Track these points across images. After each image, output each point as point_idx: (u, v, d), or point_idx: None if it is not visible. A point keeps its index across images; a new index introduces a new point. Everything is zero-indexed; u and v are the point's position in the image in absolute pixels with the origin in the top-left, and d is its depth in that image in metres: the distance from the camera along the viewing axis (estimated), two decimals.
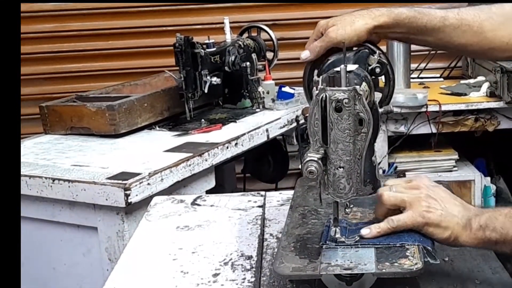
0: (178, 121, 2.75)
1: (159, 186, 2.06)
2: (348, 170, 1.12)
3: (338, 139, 1.10)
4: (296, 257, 1.14)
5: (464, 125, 3.22)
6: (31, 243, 2.23)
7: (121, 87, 2.97)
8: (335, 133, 1.10)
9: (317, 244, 1.18)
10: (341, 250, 1.15)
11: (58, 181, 2.07)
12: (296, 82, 3.01)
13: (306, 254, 1.15)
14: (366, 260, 1.10)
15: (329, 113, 1.09)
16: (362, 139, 1.11)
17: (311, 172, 1.10)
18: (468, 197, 3.23)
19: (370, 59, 1.26)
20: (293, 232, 1.25)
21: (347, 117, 1.09)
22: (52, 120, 2.65)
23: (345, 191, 1.13)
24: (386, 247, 1.14)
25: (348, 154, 1.11)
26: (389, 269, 1.07)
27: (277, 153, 3.19)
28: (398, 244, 1.14)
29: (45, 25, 3.79)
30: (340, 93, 1.08)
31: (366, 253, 1.13)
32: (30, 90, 3.80)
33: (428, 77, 3.70)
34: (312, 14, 3.84)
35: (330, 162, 1.12)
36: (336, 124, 1.09)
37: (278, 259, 1.14)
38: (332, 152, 1.11)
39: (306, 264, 1.12)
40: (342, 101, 1.08)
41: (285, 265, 1.12)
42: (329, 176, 1.13)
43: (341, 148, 1.11)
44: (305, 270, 1.10)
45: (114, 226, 2.03)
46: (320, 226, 1.27)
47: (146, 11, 3.82)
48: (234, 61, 2.85)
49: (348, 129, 1.10)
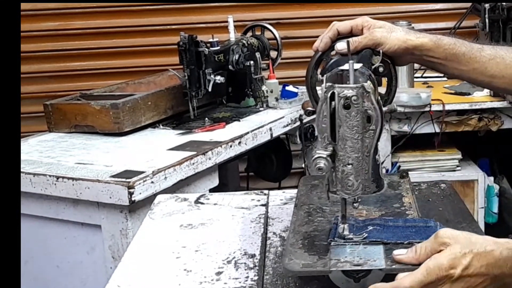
0: (182, 120, 2.75)
1: (163, 184, 2.07)
2: (356, 167, 1.12)
3: (346, 136, 1.10)
4: (305, 254, 1.14)
5: (467, 125, 3.22)
6: (35, 241, 2.24)
7: (125, 86, 2.98)
8: (343, 130, 1.10)
9: (324, 241, 1.18)
10: (349, 247, 1.15)
11: (62, 179, 2.08)
12: (300, 81, 3.00)
13: (315, 251, 1.15)
14: (375, 257, 1.11)
15: (337, 110, 1.09)
16: (370, 136, 1.12)
17: (320, 168, 1.10)
18: (471, 196, 3.23)
19: (374, 58, 1.27)
20: (300, 230, 1.25)
21: (356, 114, 1.09)
22: (56, 118, 2.66)
23: (353, 188, 1.13)
24: (394, 244, 1.14)
25: (357, 151, 1.11)
26: (399, 265, 1.08)
27: (280, 152, 3.18)
28: (406, 241, 1.15)
29: (49, 23, 3.80)
30: (349, 90, 1.09)
31: (374, 250, 1.13)
32: (35, 88, 3.81)
33: (431, 77, 3.69)
34: (316, 13, 3.84)
35: (338, 159, 1.12)
36: (344, 121, 1.10)
37: (287, 256, 1.14)
38: (340, 149, 1.12)
39: (316, 260, 1.12)
40: (351, 98, 1.09)
41: (294, 261, 1.12)
42: (337, 173, 1.13)
43: (350, 145, 1.11)
44: (315, 266, 1.10)
45: (117, 224, 2.04)
46: (326, 223, 1.27)
47: (150, 10, 3.82)
48: (238, 60, 2.85)
49: (356, 126, 1.10)
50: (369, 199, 1.29)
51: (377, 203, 1.31)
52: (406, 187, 1.44)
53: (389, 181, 1.46)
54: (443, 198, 1.59)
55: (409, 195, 1.39)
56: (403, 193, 1.41)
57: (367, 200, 1.30)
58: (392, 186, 1.44)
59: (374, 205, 1.30)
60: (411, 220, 1.24)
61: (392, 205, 1.34)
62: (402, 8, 3.85)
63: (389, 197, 1.38)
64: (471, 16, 3.61)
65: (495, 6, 3.32)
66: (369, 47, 1.29)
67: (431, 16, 3.89)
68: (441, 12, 3.88)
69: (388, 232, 1.18)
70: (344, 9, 3.84)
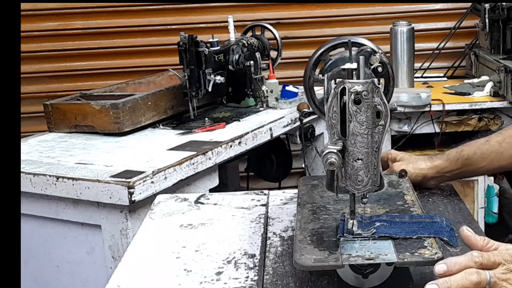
0: (182, 120, 2.75)
1: (163, 184, 2.07)
2: (366, 162, 1.13)
3: (356, 132, 1.12)
4: (315, 250, 1.15)
5: (467, 125, 3.22)
6: (35, 241, 2.24)
7: (125, 86, 2.98)
8: (353, 125, 1.11)
9: (333, 237, 1.19)
10: (358, 242, 1.16)
11: (62, 179, 2.08)
12: (299, 81, 2.99)
13: (325, 247, 1.16)
14: (386, 251, 1.12)
15: (348, 105, 1.10)
16: (379, 131, 1.13)
17: (331, 163, 1.11)
18: (471, 196, 3.23)
19: (372, 58, 1.27)
20: (307, 227, 1.25)
21: (366, 110, 1.10)
22: (56, 118, 2.66)
23: (363, 184, 1.14)
24: (403, 239, 1.15)
25: (366, 146, 1.12)
26: (410, 258, 1.09)
27: (280, 152, 3.18)
28: (414, 236, 1.16)
29: (49, 23, 3.80)
30: (359, 85, 1.10)
31: (384, 245, 1.14)
32: (35, 88, 3.82)
33: (431, 77, 3.69)
34: (316, 13, 3.85)
35: (348, 154, 1.13)
36: (354, 116, 1.11)
37: (297, 251, 1.14)
38: (350, 144, 1.13)
39: (327, 255, 1.13)
40: (361, 93, 1.10)
41: (305, 257, 1.12)
42: (348, 169, 1.14)
43: (359, 140, 1.12)
44: (327, 261, 1.11)
45: (117, 224, 2.04)
46: (332, 221, 1.27)
47: (150, 10, 3.82)
48: (238, 60, 2.85)
49: (366, 121, 1.11)
50: (371, 198, 1.30)
51: (380, 201, 1.32)
52: (406, 186, 1.45)
53: (389, 180, 1.47)
54: (443, 198, 1.60)
55: (410, 193, 1.40)
56: (404, 192, 1.41)
57: (370, 199, 1.30)
58: (392, 185, 1.45)
59: (378, 203, 1.31)
60: (417, 216, 1.25)
61: (395, 202, 1.35)
62: (402, 8, 3.85)
63: (391, 195, 1.39)
64: (471, 16, 3.61)
65: (495, 6, 3.32)
66: (335, 47, 1.33)
67: (431, 16, 3.89)
68: (441, 12, 3.88)
69: (396, 228, 1.19)
70: (344, 9, 3.85)
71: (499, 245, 1.12)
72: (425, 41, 3.82)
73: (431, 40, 3.82)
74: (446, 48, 3.71)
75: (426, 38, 3.83)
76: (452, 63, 3.79)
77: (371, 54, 1.28)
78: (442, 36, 3.71)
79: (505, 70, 3.07)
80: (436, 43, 3.72)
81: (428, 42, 3.82)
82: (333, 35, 3.12)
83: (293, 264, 1.15)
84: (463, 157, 1.54)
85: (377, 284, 1.17)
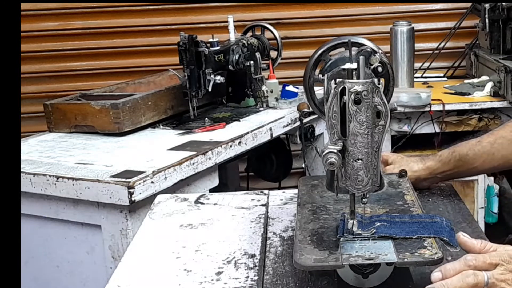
0: (182, 120, 2.75)
1: (163, 184, 2.07)
2: (366, 162, 1.13)
3: (356, 132, 1.12)
4: (315, 250, 1.15)
5: (467, 125, 3.22)
6: (35, 241, 2.24)
7: (125, 86, 2.98)
8: (353, 125, 1.11)
9: (333, 238, 1.19)
10: (359, 242, 1.16)
11: (62, 179, 2.08)
12: (300, 81, 2.99)
13: (325, 247, 1.16)
14: (386, 251, 1.12)
15: (348, 105, 1.10)
16: (379, 131, 1.13)
17: (331, 163, 1.11)
18: (471, 196, 3.23)
19: (372, 58, 1.27)
20: (307, 227, 1.26)
21: (366, 110, 1.10)
22: (56, 118, 2.66)
23: (363, 184, 1.14)
24: (403, 239, 1.16)
25: (366, 146, 1.12)
26: (410, 258, 1.09)
27: (280, 152, 3.19)
28: (414, 236, 1.16)
29: (49, 23, 3.80)
30: (359, 85, 1.10)
31: (384, 245, 1.15)
32: (34, 88, 3.82)
33: (431, 77, 3.69)
34: (316, 13, 3.85)
35: (348, 154, 1.13)
36: (354, 116, 1.11)
37: (297, 251, 1.14)
38: (350, 144, 1.13)
39: (327, 255, 1.13)
40: (361, 93, 1.10)
41: (305, 257, 1.12)
42: (348, 169, 1.14)
43: (360, 140, 1.12)
44: (327, 261, 1.11)
45: (117, 224, 2.04)
46: (332, 221, 1.28)
47: (150, 10, 3.82)
48: (238, 60, 2.85)
49: (366, 121, 1.11)
50: (371, 198, 1.30)
51: (380, 201, 1.32)
52: (406, 186, 1.45)
53: (389, 180, 1.47)
54: (443, 198, 1.60)
55: (410, 193, 1.40)
56: (404, 192, 1.41)
57: (370, 199, 1.30)
58: (392, 185, 1.45)
59: (377, 203, 1.31)
60: (417, 216, 1.25)
61: (395, 202, 1.35)
62: (402, 8, 3.85)
63: (391, 195, 1.39)
64: (471, 16, 3.61)
65: (495, 6, 3.32)
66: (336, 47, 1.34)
67: (431, 16, 3.89)
68: (441, 12, 3.88)
69: (396, 228, 1.19)
70: (344, 9, 3.85)
71: (498, 247, 1.13)
72: (425, 41, 3.82)
73: (431, 40, 3.82)
74: (446, 48, 3.71)
75: (426, 38, 3.83)
76: (452, 63, 3.79)
77: (371, 54, 1.28)
78: (442, 36, 3.71)
79: (505, 70, 3.07)
80: (436, 43, 3.72)
81: (428, 42, 3.82)
82: (333, 35, 3.12)
83: (293, 264, 1.15)
84: (455, 158, 1.54)
85: (377, 284, 1.17)
